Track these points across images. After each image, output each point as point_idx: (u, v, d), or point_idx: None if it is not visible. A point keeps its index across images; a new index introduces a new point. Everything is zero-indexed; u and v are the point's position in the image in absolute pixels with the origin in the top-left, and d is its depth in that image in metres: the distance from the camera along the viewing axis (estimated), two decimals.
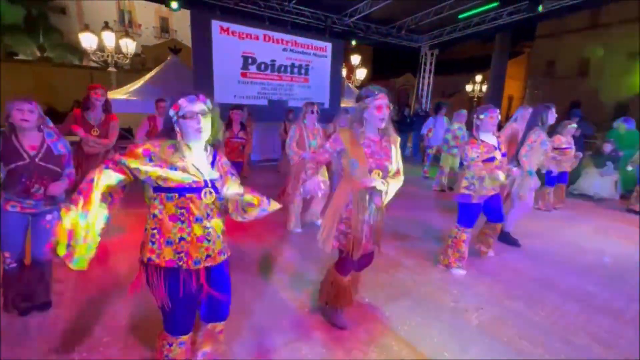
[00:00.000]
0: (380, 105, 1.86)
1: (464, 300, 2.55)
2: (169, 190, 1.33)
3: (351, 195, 1.95)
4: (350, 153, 1.91)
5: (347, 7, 7.91)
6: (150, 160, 1.29)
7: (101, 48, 8.37)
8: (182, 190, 1.33)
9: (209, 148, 1.45)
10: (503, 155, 2.90)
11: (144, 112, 6.24)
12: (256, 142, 7.22)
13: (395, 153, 2.00)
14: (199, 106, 1.35)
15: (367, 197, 1.94)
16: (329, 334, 2.11)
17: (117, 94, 6.59)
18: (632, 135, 5.61)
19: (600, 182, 5.58)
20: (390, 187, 1.94)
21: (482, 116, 2.78)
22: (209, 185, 1.38)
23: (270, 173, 6.53)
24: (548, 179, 4.75)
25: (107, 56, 8.36)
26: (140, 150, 1.30)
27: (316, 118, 3.55)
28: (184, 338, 1.47)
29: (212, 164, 1.43)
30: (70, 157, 2.18)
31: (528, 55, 25.09)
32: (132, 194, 3.22)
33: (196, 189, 1.35)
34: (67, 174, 2.15)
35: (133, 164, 1.28)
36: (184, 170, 1.32)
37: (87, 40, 7.93)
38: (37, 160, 1.95)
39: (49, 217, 2.05)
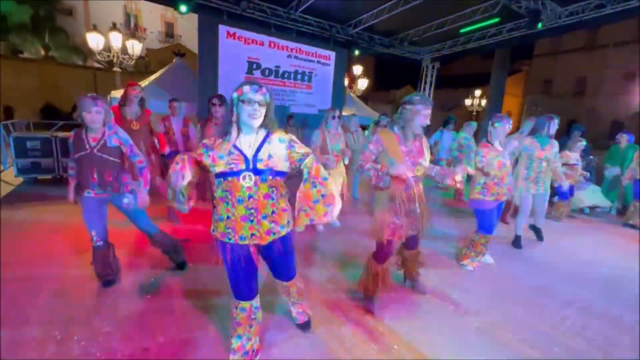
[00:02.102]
0: (427, 114, 2.13)
1: (464, 304, 2.55)
2: (218, 175, 1.54)
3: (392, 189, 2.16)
4: (390, 152, 2.12)
5: (351, 18, 8.08)
6: (207, 151, 1.54)
7: (107, 48, 8.47)
8: (225, 174, 1.52)
9: (259, 132, 1.58)
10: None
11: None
12: None
13: (426, 151, 2.25)
14: (258, 96, 1.52)
15: (406, 189, 2.16)
16: (329, 332, 2.11)
17: (121, 93, 6.63)
18: (632, 149, 5.68)
19: (592, 193, 5.65)
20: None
21: (497, 125, 2.97)
22: (250, 167, 1.52)
23: None
24: (560, 193, 4.88)
25: (113, 56, 8.45)
26: (201, 146, 1.58)
27: (338, 123, 3.72)
28: (244, 304, 1.68)
29: (260, 145, 1.55)
30: (133, 148, 2.36)
31: (526, 73, 25.61)
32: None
33: (237, 173, 1.51)
34: (140, 167, 2.38)
35: (196, 155, 1.55)
36: (228, 155, 1.51)
37: (94, 40, 8.02)
38: (95, 151, 2.22)
39: (126, 200, 2.35)
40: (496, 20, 7.42)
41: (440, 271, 3.06)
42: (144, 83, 7.27)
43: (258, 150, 1.54)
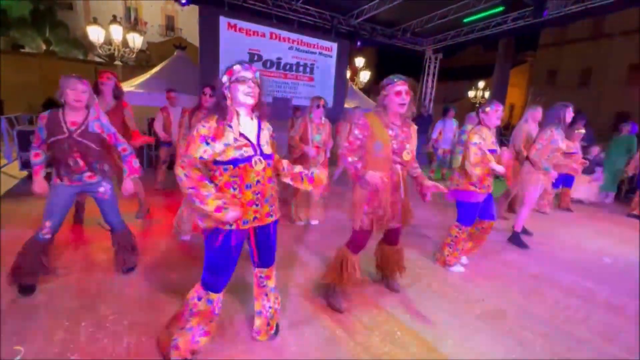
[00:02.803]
0: (400, 90, 1.98)
1: (466, 293, 2.57)
2: (225, 163, 1.49)
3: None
4: (377, 135, 2.03)
5: (353, 8, 7.98)
6: (207, 144, 1.45)
7: (108, 41, 8.44)
8: (235, 161, 1.49)
9: (255, 117, 1.60)
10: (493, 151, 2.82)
11: (150, 104, 6.29)
12: None
13: (414, 137, 2.14)
14: (250, 73, 1.51)
15: (390, 177, 2.07)
16: (333, 319, 2.13)
17: (123, 86, 6.62)
18: (629, 139, 5.66)
19: (588, 187, 5.64)
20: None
21: (487, 109, 2.78)
22: (258, 152, 1.54)
23: None
24: (562, 180, 4.83)
25: (114, 50, 8.41)
26: (197, 137, 1.45)
27: (322, 113, 3.56)
28: (213, 296, 1.61)
29: (259, 132, 1.58)
30: (115, 135, 2.27)
31: (530, 64, 25.28)
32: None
33: (247, 159, 1.50)
34: (125, 156, 2.30)
35: (197, 153, 1.45)
36: (235, 141, 1.48)
37: (95, 33, 7.99)
38: (75, 135, 2.08)
39: (101, 189, 2.25)
40: (500, 9, 7.30)
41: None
42: (145, 76, 7.26)
43: (258, 135, 1.58)
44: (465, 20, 8.06)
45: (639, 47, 17.20)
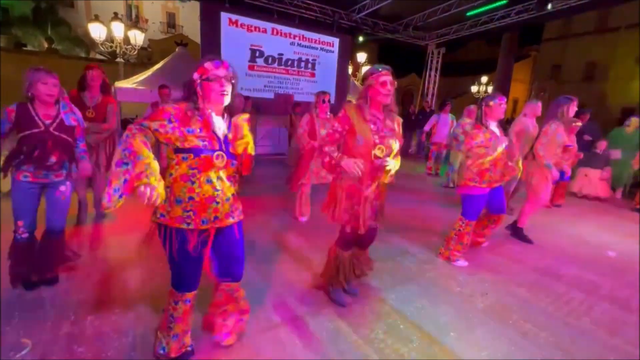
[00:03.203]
0: (385, 81, 1.90)
1: (469, 286, 2.57)
2: (185, 151, 1.38)
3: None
4: (357, 129, 1.93)
5: (355, 3, 7.94)
6: (170, 122, 1.36)
7: (109, 39, 8.43)
8: (197, 151, 1.39)
9: (225, 114, 1.51)
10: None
11: (151, 101, 6.30)
12: (262, 135, 7.26)
13: (398, 132, 2.03)
14: (223, 71, 1.42)
15: (369, 172, 1.94)
16: (336, 311, 2.14)
17: (125, 84, 6.65)
18: (635, 133, 5.61)
19: (602, 183, 5.59)
20: (393, 166, 1.96)
21: (491, 102, 2.73)
22: (223, 149, 1.45)
23: (277, 166, 6.55)
24: (561, 173, 4.78)
25: (116, 47, 8.41)
26: (161, 112, 1.37)
27: (328, 108, 3.56)
28: (189, 295, 1.55)
29: (228, 129, 1.49)
30: (83, 131, 2.23)
31: (534, 58, 25.04)
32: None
33: (210, 151, 1.41)
34: (82, 150, 2.23)
35: (154, 125, 1.35)
36: (200, 131, 1.39)
37: (96, 30, 7.98)
38: (51, 129, 2.01)
39: (62, 188, 2.12)
40: (504, 2, 7.24)
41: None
42: (147, 73, 7.27)
43: (226, 135, 1.48)
44: (468, 14, 8.00)
45: None
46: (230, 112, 1.53)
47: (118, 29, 8.09)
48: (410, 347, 1.86)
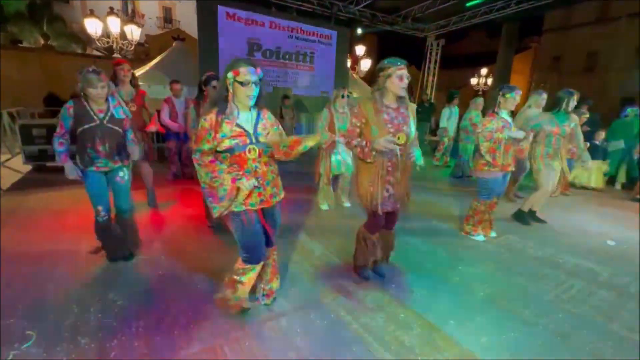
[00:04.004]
0: (402, 75, 2.02)
1: (469, 275, 2.59)
2: (223, 152, 1.65)
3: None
4: (371, 122, 2.07)
5: None
6: (209, 134, 1.62)
7: (106, 34, 8.37)
8: (232, 150, 1.64)
9: (253, 109, 1.72)
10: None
11: (150, 96, 6.26)
12: None
13: (412, 120, 2.17)
14: (254, 77, 1.62)
15: (389, 159, 2.11)
16: (337, 302, 2.15)
17: None
18: (635, 123, 5.59)
19: (594, 174, 5.59)
20: (415, 152, 2.19)
21: (508, 95, 2.91)
22: (254, 141, 1.68)
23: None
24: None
25: (112, 42, 8.35)
26: (202, 131, 1.63)
27: (346, 102, 3.67)
28: (256, 267, 1.83)
29: (257, 122, 1.72)
30: (130, 122, 2.47)
31: (534, 50, 24.83)
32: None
33: (242, 147, 1.65)
34: (132, 139, 2.49)
35: (205, 145, 1.63)
36: (231, 132, 1.63)
37: (92, 26, 7.92)
38: (105, 122, 2.26)
39: (121, 173, 2.42)
40: None
41: (445, 245, 3.09)
42: (144, 68, 7.22)
43: (256, 125, 1.71)
44: (467, 5, 7.93)
45: None
46: (258, 105, 1.73)
47: (114, 24, 8.03)
48: (410, 334, 1.88)
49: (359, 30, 8.91)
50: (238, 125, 1.65)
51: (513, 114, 3.24)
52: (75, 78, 3.17)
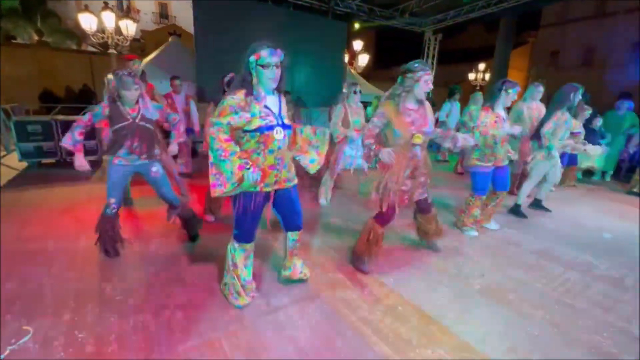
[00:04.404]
0: (429, 80, 2.17)
1: (466, 269, 2.60)
2: (252, 131, 1.71)
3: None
4: (394, 123, 2.19)
5: None
6: (235, 113, 1.67)
7: (101, 30, 8.26)
8: (261, 129, 1.71)
9: (275, 92, 1.80)
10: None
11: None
12: None
13: (431, 120, 2.31)
14: (275, 58, 1.66)
15: (410, 158, 2.25)
16: (335, 295, 2.16)
17: None
18: (629, 117, 5.62)
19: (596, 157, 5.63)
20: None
21: (510, 91, 2.94)
22: (280, 123, 1.77)
23: None
24: (566, 158, 4.90)
25: (107, 37, 8.25)
26: (227, 107, 1.67)
27: (359, 98, 3.76)
28: (246, 246, 1.93)
29: (280, 105, 1.81)
30: (165, 111, 2.61)
31: (532, 44, 24.78)
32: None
33: (270, 127, 1.73)
34: (174, 125, 2.65)
35: (225, 120, 1.66)
36: (260, 114, 1.70)
37: (87, 21, 7.80)
38: (137, 120, 2.38)
39: (154, 168, 2.53)
40: None
41: (443, 239, 3.08)
42: (140, 64, 7.14)
43: (280, 108, 1.81)
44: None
45: None
46: (279, 88, 1.80)
47: (109, 19, 7.93)
48: (408, 326, 1.88)
49: (357, 25, 8.85)
50: (266, 107, 1.73)
51: (508, 109, 3.26)
52: (66, 73, 3.22)
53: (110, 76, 5.88)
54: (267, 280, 2.30)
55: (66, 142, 2.32)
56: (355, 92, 3.70)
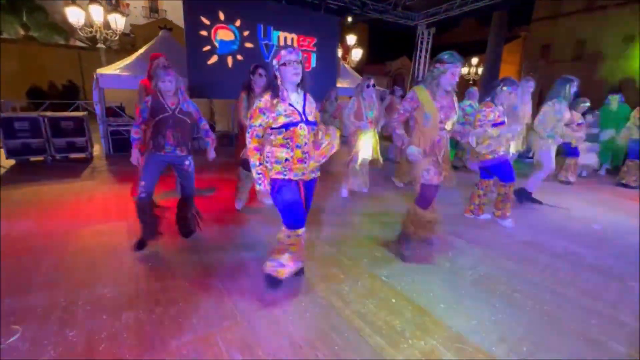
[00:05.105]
0: (456, 73, 2.25)
1: (458, 261, 2.62)
2: (279, 127, 1.86)
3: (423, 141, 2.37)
4: (425, 108, 2.28)
5: None
6: (264, 114, 1.86)
7: (89, 24, 8.08)
8: (287, 125, 1.86)
9: (300, 92, 1.95)
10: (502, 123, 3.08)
11: (136, 88, 6.11)
12: None
13: (456, 107, 2.42)
14: (294, 56, 1.83)
15: (437, 142, 2.37)
16: (329, 289, 2.16)
17: (108, 70, 6.42)
18: (623, 110, 5.70)
19: (589, 155, 5.70)
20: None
21: (505, 89, 3.00)
22: (304, 119, 1.90)
23: None
24: (570, 150, 4.98)
25: (96, 32, 8.08)
26: (256, 110, 1.86)
27: (372, 91, 3.86)
28: (299, 231, 2.01)
29: (304, 103, 1.94)
30: (200, 113, 2.67)
31: (524, 39, 24.91)
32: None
33: (295, 124, 1.87)
34: (206, 132, 2.73)
35: (257, 122, 1.87)
36: (286, 111, 1.85)
37: (74, 15, 7.63)
38: (176, 112, 2.49)
39: (186, 162, 2.63)
40: None
41: (436, 232, 3.11)
42: (130, 59, 7.02)
43: (304, 106, 1.93)
44: None
45: (633, 18, 16.99)
46: (303, 87, 1.95)
47: (97, 13, 7.76)
48: (401, 319, 1.90)
49: (350, 19, 8.79)
50: (290, 105, 1.87)
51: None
52: (55, 69, 3.14)
53: (99, 71, 5.81)
54: (260, 274, 2.29)
55: (132, 142, 2.55)
56: (368, 86, 3.79)
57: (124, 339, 1.66)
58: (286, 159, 1.90)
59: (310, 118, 1.93)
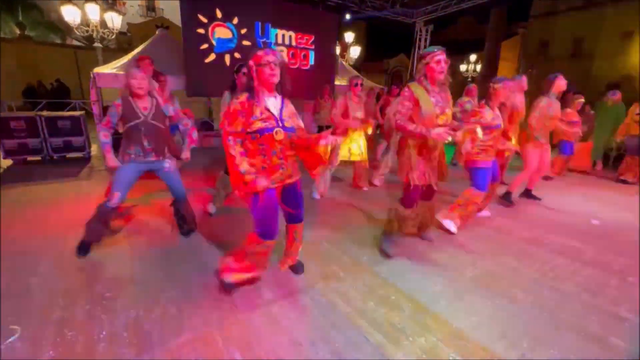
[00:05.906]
0: (439, 59, 2.20)
1: (458, 258, 2.62)
2: (253, 132, 1.77)
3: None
4: (422, 103, 2.25)
5: None
6: (242, 116, 1.76)
7: (85, 23, 8.02)
8: (261, 131, 1.77)
9: (277, 96, 1.87)
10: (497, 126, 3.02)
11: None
12: None
13: (451, 103, 2.38)
14: (272, 57, 1.74)
15: (432, 141, 2.32)
16: (329, 287, 2.16)
17: (105, 69, 6.38)
18: (619, 108, 5.72)
19: (579, 154, 5.72)
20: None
21: (496, 86, 2.94)
22: (280, 125, 1.81)
23: None
24: (565, 147, 5.03)
25: (92, 31, 8.02)
26: (233, 114, 1.76)
27: (360, 90, 3.87)
28: (269, 243, 1.92)
29: (282, 108, 1.86)
30: (179, 113, 2.60)
31: (522, 36, 24.89)
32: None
33: (271, 129, 1.78)
34: (184, 132, 2.63)
35: (238, 127, 1.77)
36: (261, 116, 1.77)
37: (70, 14, 7.56)
38: (149, 119, 2.36)
39: (166, 164, 2.54)
40: None
41: (436, 229, 3.11)
42: (127, 57, 6.98)
43: (281, 111, 1.85)
44: None
45: (631, 15, 16.99)
46: (282, 91, 1.87)
47: (93, 12, 7.70)
48: (401, 316, 1.90)
49: (347, 16, 8.75)
50: (267, 109, 1.79)
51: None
52: (52, 69, 3.13)
53: (96, 70, 5.78)
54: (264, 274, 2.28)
55: (101, 147, 2.39)
56: (355, 85, 3.80)
57: (123, 339, 1.65)
58: (263, 167, 1.83)
59: (287, 124, 1.84)
